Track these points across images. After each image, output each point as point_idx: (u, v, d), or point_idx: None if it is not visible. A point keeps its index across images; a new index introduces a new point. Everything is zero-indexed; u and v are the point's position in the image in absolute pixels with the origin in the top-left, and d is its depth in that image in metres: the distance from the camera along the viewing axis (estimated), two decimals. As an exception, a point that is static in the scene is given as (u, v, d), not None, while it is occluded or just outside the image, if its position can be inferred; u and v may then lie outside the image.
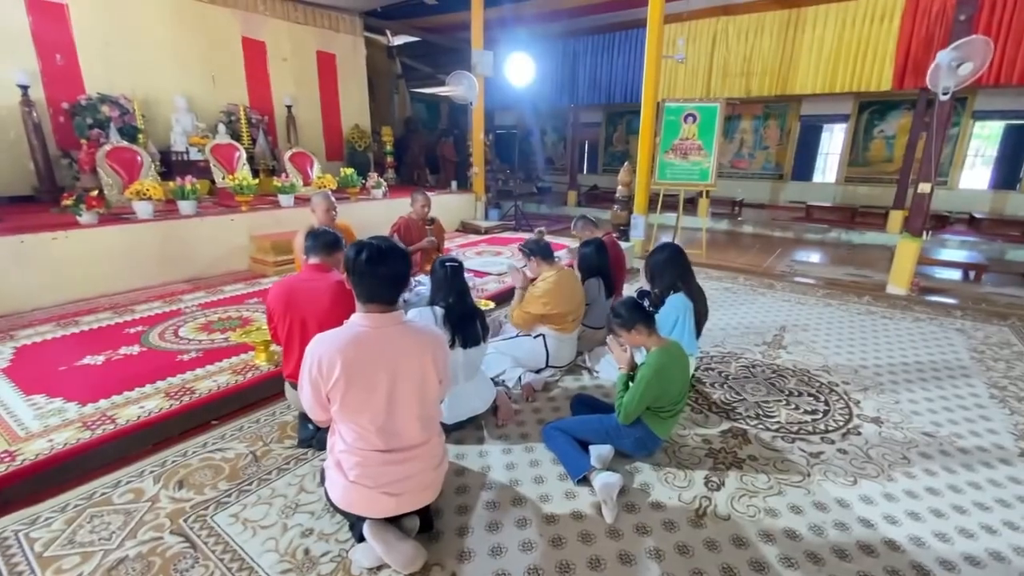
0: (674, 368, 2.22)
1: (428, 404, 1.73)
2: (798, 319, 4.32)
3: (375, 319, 1.65)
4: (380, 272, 1.63)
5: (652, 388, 2.16)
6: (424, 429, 1.72)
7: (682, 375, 2.27)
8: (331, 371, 1.55)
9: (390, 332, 1.66)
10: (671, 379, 2.20)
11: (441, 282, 2.46)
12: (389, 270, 1.64)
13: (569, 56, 10.10)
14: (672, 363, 2.22)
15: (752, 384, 3.11)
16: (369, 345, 1.61)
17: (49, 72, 5.69)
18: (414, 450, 1.70)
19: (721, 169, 12.06)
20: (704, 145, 6.33)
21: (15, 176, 5.57)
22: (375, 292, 1.65)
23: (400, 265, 1.68)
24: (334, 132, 8.96)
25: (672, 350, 2.25)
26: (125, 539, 1.84)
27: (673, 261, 2.95)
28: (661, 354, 2.21)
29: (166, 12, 6.57)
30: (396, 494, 1.67)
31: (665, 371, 2.18)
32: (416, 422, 1.69)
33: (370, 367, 1.59)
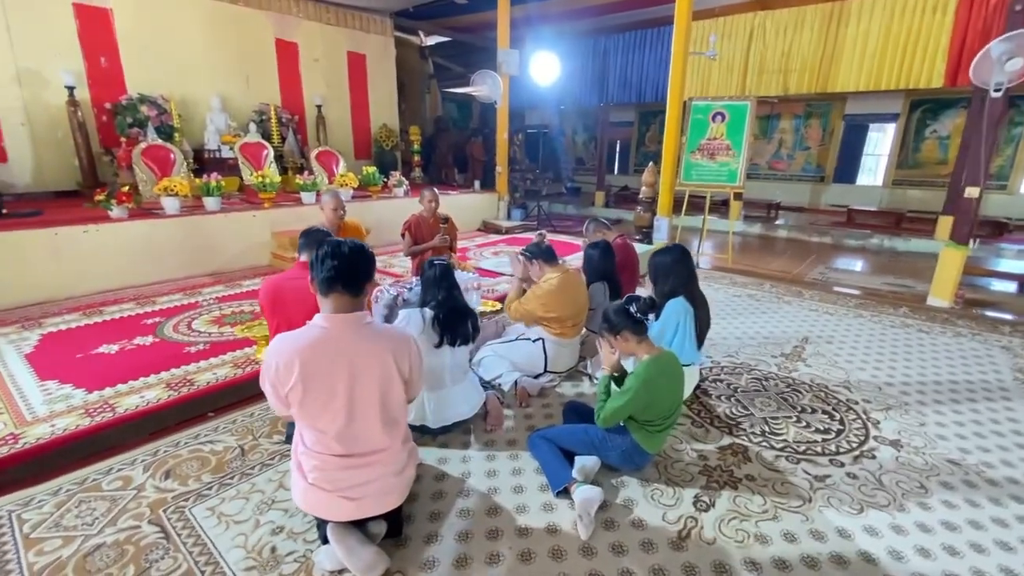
0: (664, 380, 2.11)
1: (391, 409, 1.69)
2: (823, 330, 4.07)
3: (336, 320, 1.61)
4: (341, 261, 1.58)
5: (638, 399, 2.06)
6: (387, 434, 1.68)
7: (672, 388, 2.15)
8: (288, 374, 1.54)
9: (351, 335, 1.62)
10: (660, 392, 2.09)
11: (430, 282, 2.43)
12: (352, 259, 1.60)
13: (599, 54, 9.92)
14: (662, 375, 2.11)
15: (762, 398, 2.94)
16: (328, 348, 1.58)
17: (94, 74, 6.01)
18: (375, 455, 1.66)
19: (758, 170, 11.63)
20: (733, 145, 6.07)
21: (62, 172, 5.91)
22: (333, 279, 1.58)
23: (363, 257, 1.63)
24: (363, 131, 9.12)
25: (664, 361, 2.14)
26: (106, 526, 1.89)
27: (679, 264, 2.81)
28: (651, 364, 2.10)
29: (203, 15, 6.83)
30: (355, 498, 1.65)
31: (654, 383, 2.07)
32: (378, 427, 1.65)
33: (328, 371, 1.56)
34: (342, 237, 3.79)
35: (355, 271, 1.61)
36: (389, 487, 1.70)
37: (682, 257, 2.86)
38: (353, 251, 1.62)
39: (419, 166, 9.71)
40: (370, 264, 1.67)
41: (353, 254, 1.62)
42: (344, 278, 1.59)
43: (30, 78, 5.57)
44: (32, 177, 5.74)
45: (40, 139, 5.72)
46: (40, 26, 5.56)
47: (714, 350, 3.63)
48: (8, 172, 5.58)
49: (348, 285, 1.61)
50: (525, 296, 3.06)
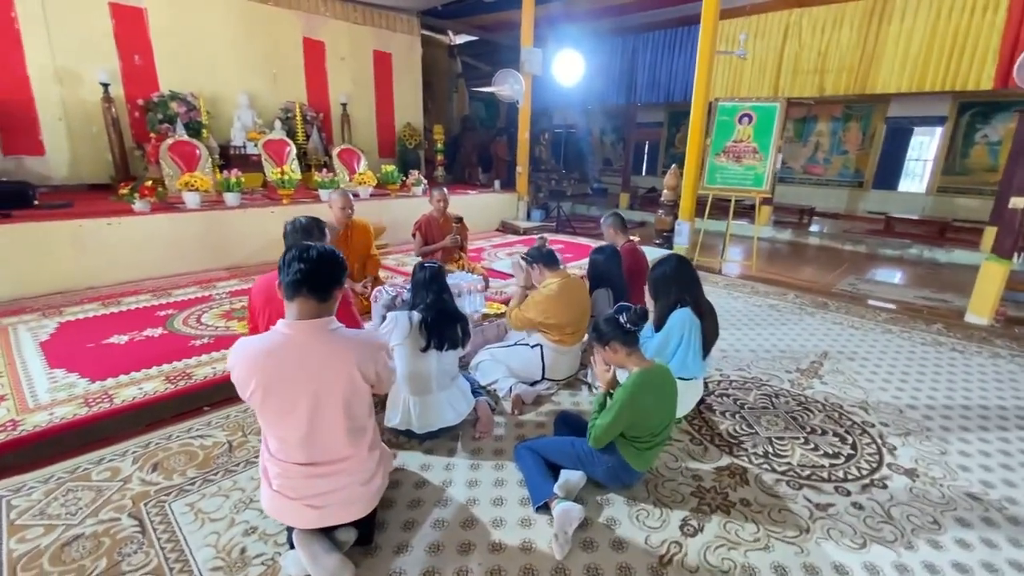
0: (653, 395, 2.01)
1: (357, 417, 1.64)
2: (846, 345, 3.85)
3: (299, 327, 1.56)
4: (308, 265, 1.54)
5: (625, 414, 1.97)
6: (351, 443, 1.64)
7: (663, 404, 2.05)
8: (248, 381, 1.51)
9: (315, 342, 1.56)
10: (648, 406, 1.99)
11: (419, 285, 2.39)
12: (319, 265, 1.56)
13: (628, 53, 9.73)
14: (652, 389, 2.01)
15: (769, 416, 2.79)
16: (289, 356, 1.53)
17: (128, 71, 6.23)
18: (338, 464, 1.63)
19: (792, 174, 11.21)
20: (760, 148, 5.83)
21: (96, 165, 6.15)
22: (299, 283, 1.54)
23: (330, 263, 1.60)
24: (387, 129, 9.20)
25: (654, 374, 2.04)
26: (87, 516, 1.91)
27: (676, 274, 2.68)
28: (640, 377, 2.01)
29: (234, 14, 7.01)
30: (319, 507, 1.62)
31: (641, 397, 1.97)
32: (342, 436, 1.61)
33: (290, 380, 1.52)
34: (350, 236, 3.84)
35: (322, 276, 1.58)
36: (354, 496, 1.67)
37: (680, 266, 2.72)
38: (322, 256, 1.59)
39: (442, 165, 9.73)
40: (338, 269, 1.63)
41: (321, 259, 1.58)
42: (311, 282, 1.55)
43: (68, 75, 5.82)
44: (68, 170, 6.00)
45: (76, 134, 5.97)
46: (78, 25, 5.80)
47: (725, 363, 3.48)
48: (45, 165, 5.85)
49: (314, 290, 1.56)
50: (524, 303, 2.99)
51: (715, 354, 3.60)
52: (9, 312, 3.68)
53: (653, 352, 2.65)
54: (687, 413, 2.77)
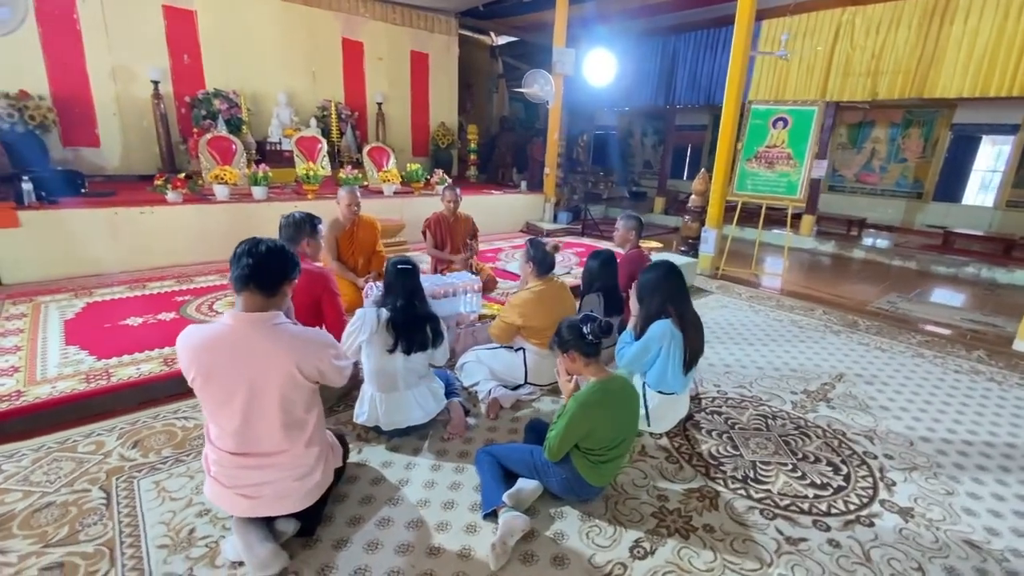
0: (608, 407, 1.93)
1: (293, 412, 1.66)
2: (866, 368, 3.57)
3: (242, 319, 1.60)
4: (255, 259, 1.58)
5: (576, 425, 1.90)
6: (287, 437, 1.66)
7: (620, 417, 1.96)
8: (189, 368, 1.56)
9: (256, 335, 1.59)
10: (600, 419, 1.91)
11: (391, 284, 2.39)
12: (265, 259, 1.60)
13: (668, 54, 9.45)
14: (607, 401, 1.93)
15: (759, 439, 2.62)
16: (229, 347, 1.58)
17: (177, 70, 6.64)
18: (271, 457, 1.65)
19: (843, 182, 10.57)
20: (794, 154, 5.52)
21: (146, 157, 6.58)
22: (246, 276, 1.58)
23: (278, 258, 1.63)
24: (422, 129, 9.35)
25: (611, 386, 1.96)
26: (63, 486, 2.04)
27: (666, 282, 2.56)
28: (594, 388, 1.94)
29: (277, 16, 7.33)
30: (251, 497, 1.65)
31: (594, 408, 1.90)
32: (277, 430, 1.64)
33: (228, 370, 1.56)
34: (356, 232, 3.92)
35: (270, 272, 1.61)
36: (287, 491, 1.69)
37: (669, 274, 2.59)
38: (270, 251, 1.62)
39: (475, 165, 9.80)
40: (286, 265, 1.66)
41: (270, 254, 1.61)
42: (257, 278, 1.59)
43: (122, 73, 6.26)
44: (120, 161, 6.45)
45: (128, 128, 6.42)
46: (133, 27, 6.23)
47: (726, 379, 3.31)
48: (100, 156, 6.31)
49: (261, 286, 1.60)
50: (504, 308, 2.94)
51: (717, 369, 3.45)
52: (47, 291, 3.99)
53: (629, 360, 2.55)
54: (669, 429, 2.65)
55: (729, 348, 3.85)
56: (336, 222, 3.89)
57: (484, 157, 11.61)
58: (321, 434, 1.80)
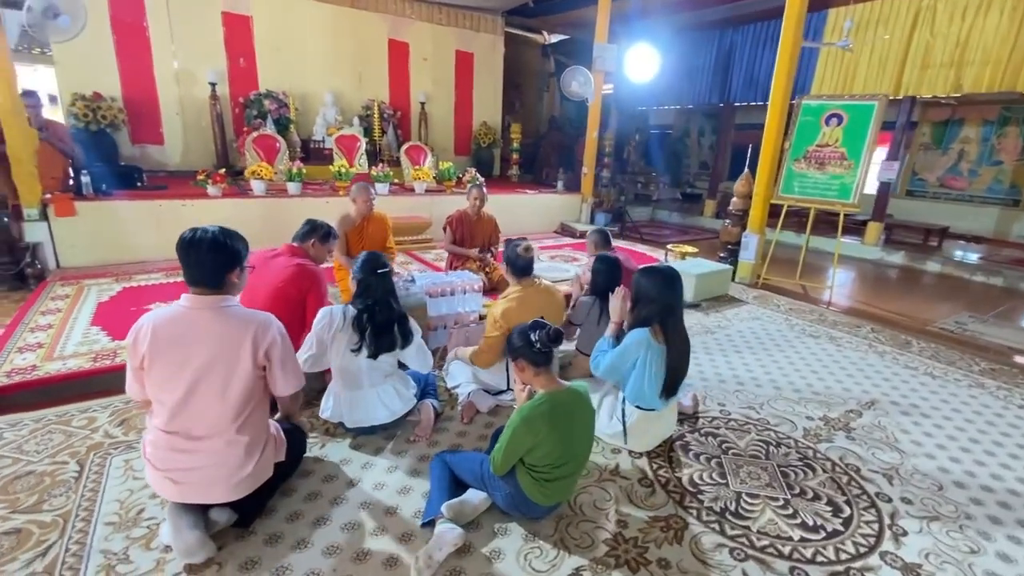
0: (553, 421, 1.79)
1: (233, 397, 1.68)
2: (906, 396, 3.15)
3: (194, 300, 1.69)
4: (192, 257, 1.66)
5: (519, 439, 1.78)
6: (221, 425, 1.68)
7: (565, 432, 1.82)
8: (142, 343, 1.63)
9: (207, 315, 1.67)
10: (545, 434, 1.77)
11: (369, 285, 2.35)
12: (200, 256, 1.65)
13: (724, 48, 8.94)
14: (552, 415, 1.79)
15: (754, 467, 2.36)
16: (182, 325, 1.65)
17: (233, 72, 7.08)
18: (202, 442, 1.67)
19: (924, 187, 9.54)
20: (849, 154, 4.99)
21: (203, 154, 7.05)
22: (190, 275, 1.69)
23: (212, 253, 1.66)
24: (464, 128, 9.42)
25: (560, 399, 1.82)
26: (46, 457, 2.18)
27: (664, 292, 2.33)
28: (541, 400, 1.81)
29: (328, 19, 7.63)
30: (178, 482, 1.67)
31: (538, 421, 1.77)
32: (213, 414, 1.67)
33: (177, 346, 1.63)
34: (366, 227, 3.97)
35: (210, 266, 1.68)
36: (213, 479, 1.69)
37: (670, 283, 2.38)
38: (209, 247, 1.67)
39: (517, 164, 9.74)
40: (224, 256, 1.70)
41: (208, 250, 1.67)
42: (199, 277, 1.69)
43: (185, 76, 6.75)
44: (180, 158, 6.97)
45: (188, 127, 6.92)
46: (195, 33, 6.71)
47: (734, 397, 3.03)
48: (163, 153, 6.85)
49: (205, 283, 1.69)
50: (487, 326, 2.78)
51: (728, 385, 3.18)
52: (94, 275, 4.35)
53: (607, 369, 2.38)
54: (651, 449, 2.45)
55: (748, 363, 3.53)
56: (347, 217, 3.96)
57: (529, 157, 11.53)
58: (259, 427, 1.80)
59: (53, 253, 4.44)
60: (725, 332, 4.13)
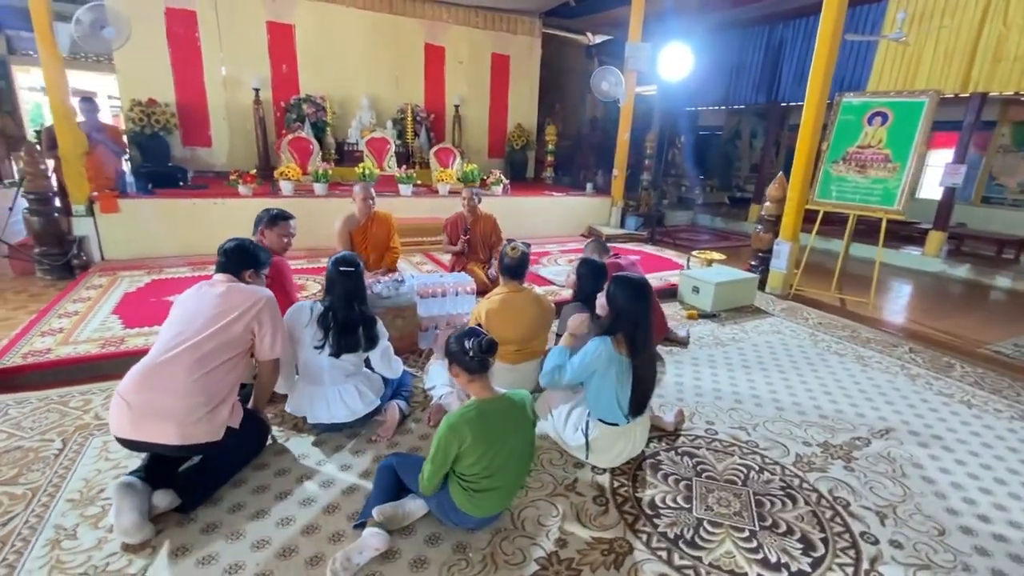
0: (480, 429, 1.73)
1: (212, 346, 1.95)
2: (930, 426, 2.82)
3: (216, 277, 2.21)
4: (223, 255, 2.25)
5: (443, 446, 1.73)
6: (194, 366, 1.89)
7: (497, 441, 1.75)
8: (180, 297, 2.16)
9: (219, 287, 2.14)
10: (468, 440, 1.72)
11: (332, 283, 2.39)
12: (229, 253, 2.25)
13: (773, 44, 8.44)
14: (479, 423, 1.73)
15: (726, 494, 2.18)
16: (203, 288, 2.15)
17: (276, 78, 7.45)
18: (171, 378, 1.87)
19: (1002, 193, 8.59)
20: (894, 156, 4.56)
21: (247, 156, 7.46)
22: (219, 264, 2.24)
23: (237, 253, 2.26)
24: (499, 131, 9.44)
25: (491, 407, 1.76)
26: (37, 434, 2.35)
27: (633, 304, 2.20)
28: (469, 407, 1.76)
29: (366, 26, 7.88)
30: (133, 405, 1.84)
31: (462, 428, 1.72)
32: (191, 357, 1.90)
33: (192, 298, 2.11)
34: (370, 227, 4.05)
35: (230, 262, 2.23)
36: (169, 414, 1.84)
37: (639, 294, 2.24)
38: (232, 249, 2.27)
39: (551, 166, 9.64)
40: (242, 258, 2.26)
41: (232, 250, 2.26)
42: (223, 265, 2.23)
43: (232, 83, 7.18)
44: (226, 159, 7.41)
45: (234, 130, 7.35)
46: (242, 41, 7.12)
47: (726, 415, 2.83)
48: (211, 155, 7.32)
49: (226, 270, 2.22)
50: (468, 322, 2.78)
51: (724, 402, 2.98)
52: (130, 267, 4.70)
53: (571, 376, 2.27)
54: (616, 465, 2.32)
55: (753, 379, 3.29)
56: (351, 217, 4.06)
57: (568, 159, 11.38)
58: (223, 384, 1.98)
59: (98, 246, 4.84)
60: (738, 345, 3.87)
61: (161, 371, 1.89)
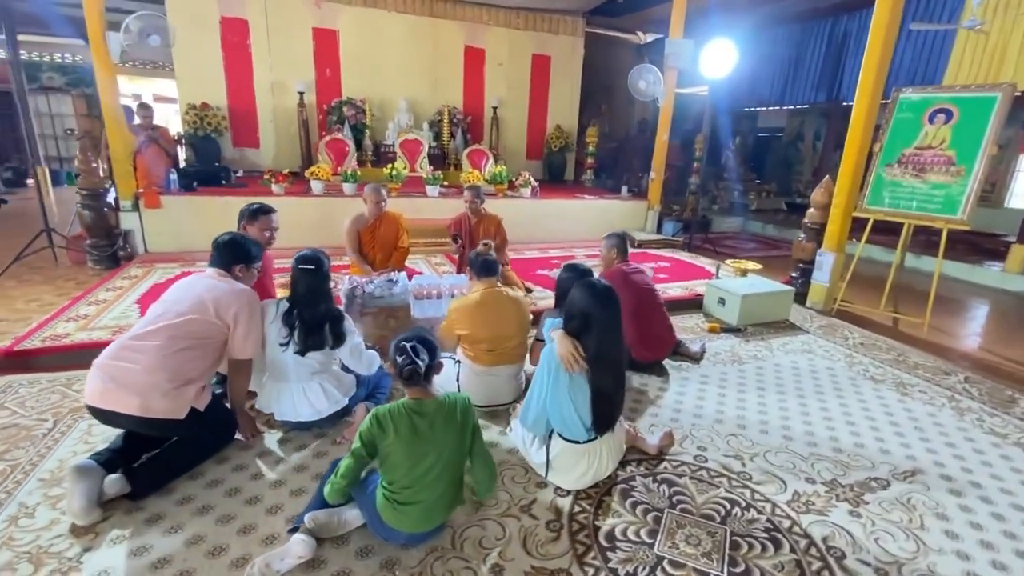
0: (403, 426, 1.68)
1: (188, 329, 2.05)
2: (968, 470, 2.43)
3: (209, 270, 2.32)
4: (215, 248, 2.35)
5: (365, 439, 1.72)
6: (168, 343, 1.99)
7: (414, 446, 1.68)
8: None
9: (207, 277, 2.28)
10: (390, 438, 1.67)
11: (293, 280, 2.38)
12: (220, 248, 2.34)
13: (836, 38, 7.80)
14: (405, 419, 1.70)
15: (699, 531, 1.96)
16: (194, 278, 2.29)
17: (320, 82, 7.74)
18: (144, 344, 1.99)
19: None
20: (959, 158, 4.02)
21: (291, 157, 7.80)
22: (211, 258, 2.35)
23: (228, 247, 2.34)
24: (538, 132, 9.32)
25: (425, 409, 1.71)
26: (36, 413, 2.51)
27: (593, 313, 2.04)
28: (401, 403, 1.74)
29: (407, 30, 8.03)
30: (106, 375, 1.94)
31: (387, 421, 1.70)
32: (166, 335, 2.01)
33: (182, 287, 2.24)
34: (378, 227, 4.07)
35: (221, 256, 2.32)
36: (137, 386, 1.92)
37: (602, 302, 2.05)
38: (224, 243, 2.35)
39: (591, 169, 9.40)
40: (233, 252, 2.32)
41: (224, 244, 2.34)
42: (214, 259, 2.33)
43: (279, 87, 7.53)
44: (272, 160, 7.77)
45: (280, 132, 7.70)
46: (289, 47, 7.46)
47: (723, 442, 2.57)
48: (259, 156, 7.71)
49: (216, 264, 2.32)
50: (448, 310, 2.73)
51: (725, 426, 2.73)
52: (168, 260, 5.00)
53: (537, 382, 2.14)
54: (582, 488, 2.14)
55: (765, 403, 2.98)
56: (360, 216, 4.09)
57: (611, 161, 11.08)
58: (192, 367, 2.05)
59: (142, 239, 5.19)
60: (757, 364, 3.54)
61: (136, 344, 2.00)
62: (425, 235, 5.78)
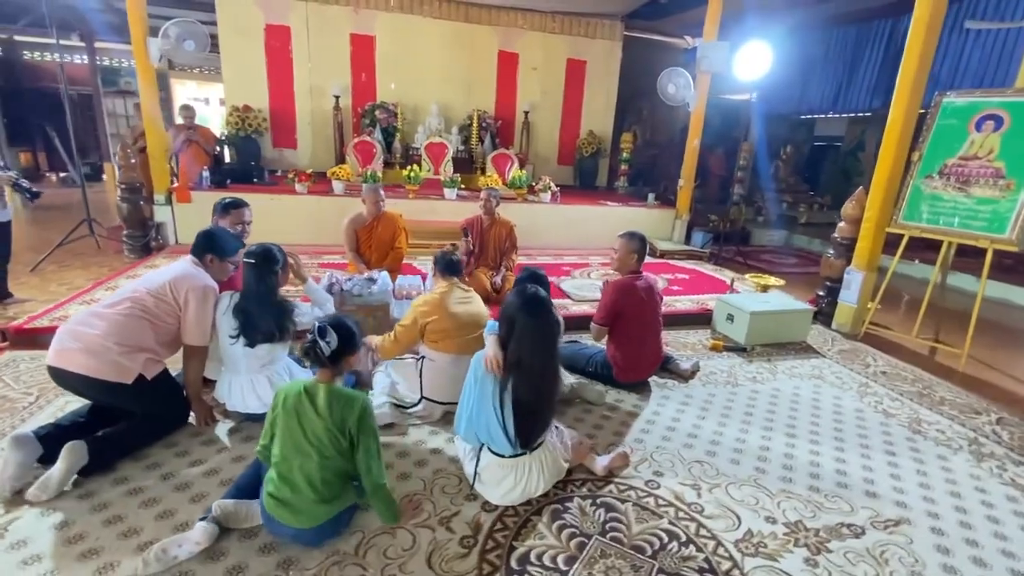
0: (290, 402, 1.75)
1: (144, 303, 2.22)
2: (970, 526, 2.11)
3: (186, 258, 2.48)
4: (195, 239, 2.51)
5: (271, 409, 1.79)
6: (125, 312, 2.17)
7: (291, 429, 1.71)
8: None
9: (181, 264, 2.43)
10: (277, 413, 1.76)
11: (246, 273, 2.43)
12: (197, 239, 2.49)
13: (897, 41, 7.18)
14: (292, 398, 1.74)
15: (623, 563, 1.81)
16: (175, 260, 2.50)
17: (356, 86, 8.00)
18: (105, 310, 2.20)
19: None
20: (1008, 170, 3.55)
21: (327, 158, 8.08)
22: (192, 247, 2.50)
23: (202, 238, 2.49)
24: (570, 137, 9.19)
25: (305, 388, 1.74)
26: (24, 388, 2.69)
27: (526, 326, 1.94)
28: (303, 380, 1.77)
29: (442, 35, 8.15)
30: (61, 333, 2.14)
31: (278, 397, 1.78)
32: (127, 304, 2.20)
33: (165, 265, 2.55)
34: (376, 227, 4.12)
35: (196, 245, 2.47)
36: (97, 348, 2.08)
37: (530, 309, 1.96)
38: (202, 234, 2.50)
39: (624, 175, 9.16)
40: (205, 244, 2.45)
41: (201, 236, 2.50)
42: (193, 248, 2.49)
43: (316, 91, 7.86)
44: (309, 160, 8.09)
45: (316, 134, 8.03)
46: (328, 52, 7.76)
47: (683, 469, 2.39)
48: (296, 156, 8.06)
49: (192, 252, 2.48)
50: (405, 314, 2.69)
51: (694, 452, 2.54)
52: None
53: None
54: (511, 504, 2.04)
55: (747, 430, 2.75)
56: (358, 216, 4.16)
57: (649, 168, 10.76)
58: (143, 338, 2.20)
59: (174, 231, 5.54)
60: (752, 388, 3.28)
61: (102, 312, 2.19)
62: (438, 236, 5.81)
